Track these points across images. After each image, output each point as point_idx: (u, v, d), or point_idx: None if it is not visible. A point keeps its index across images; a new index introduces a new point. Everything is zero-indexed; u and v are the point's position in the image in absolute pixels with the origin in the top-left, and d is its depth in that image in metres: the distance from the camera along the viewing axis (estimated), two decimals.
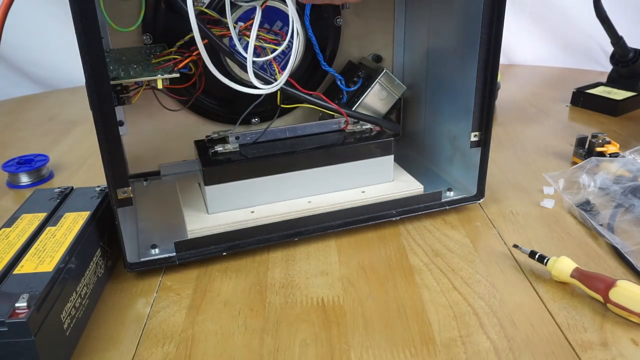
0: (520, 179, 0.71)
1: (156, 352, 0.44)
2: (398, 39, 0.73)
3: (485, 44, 0.55)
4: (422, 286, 0.50)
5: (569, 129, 0.87)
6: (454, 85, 0.62)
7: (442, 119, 0.66)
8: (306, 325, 0.46)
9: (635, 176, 0.64)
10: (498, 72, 0.57)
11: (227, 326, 0.46)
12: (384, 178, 0.62)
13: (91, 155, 0.82)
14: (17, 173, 0.74)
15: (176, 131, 0.67)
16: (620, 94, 0.94)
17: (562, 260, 0.49)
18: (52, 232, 0.47)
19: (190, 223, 0.55)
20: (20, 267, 0.42)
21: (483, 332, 0.45)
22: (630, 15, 1.15)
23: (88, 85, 0.44)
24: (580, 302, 0.48)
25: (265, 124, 0.67)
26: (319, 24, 0.64)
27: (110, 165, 0.47)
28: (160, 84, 0.51)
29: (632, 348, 0.43)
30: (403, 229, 0.60)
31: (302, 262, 0.55)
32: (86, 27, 0.42)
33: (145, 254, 0.53)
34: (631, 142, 0.79)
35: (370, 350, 0.43)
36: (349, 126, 0.63)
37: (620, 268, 0.52)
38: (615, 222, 0.58)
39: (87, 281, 0.47)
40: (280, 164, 0.58)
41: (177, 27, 0.59)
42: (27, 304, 0.37)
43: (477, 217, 0.62)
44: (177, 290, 0.51)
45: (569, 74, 1.19)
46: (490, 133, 0.59)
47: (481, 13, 0.54)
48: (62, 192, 0.54)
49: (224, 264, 0.55)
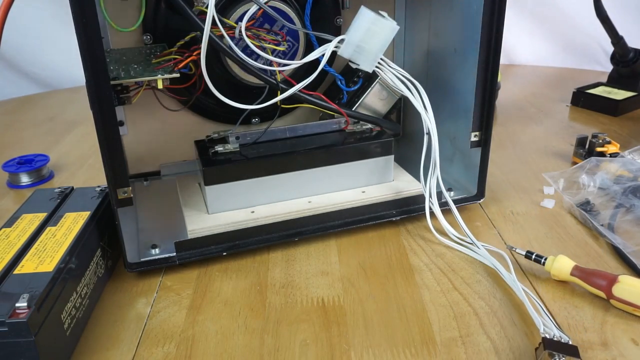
0: (520, 179, 0.71)
1: (156, 352, 0.44)
2: (398, 39, 0.73)
3: (486, 44, 0.55)
4: (423, 286, 0.50)
5: (569, 129, 0.87)
6: (454, 85, 0.62)
7: (442, 118, 0.66)
8: (306, 325, 0.46)
9: (636, 176, 0.64)
10: (498, 72, 0.57)
11: (227, 326, 0.46)
12: (384, 178, 0.62)
13: (91, 155, 0.82)
14: (18, 173, 0.74)
15: (176, 131, 0.67)
16: (620, 94, 0.94)
17: (560, 259, 0.49)
18: (52, 232, 0.47)
19: (190, 223, 0.55)
20: (20, 267, 0.42)
21: (483, 332, 0.45)
22: (630, 15, 1.15)
23: (88, 85, 0.44)
24: (581, 301, 0.48)
25: (265, 124, 0.67)
26: (319, 24, 0.64)
27: (110, 165, 0.47)
28: (160, 84, 0.51)
29: (632, 348, 0.43)
30: (403, 229, 0.60)
31: (302, 262, 0.55)
32: (86, 27, 0.42)
33: (145, 254, 0.53)
34: (631, 142, 0.79)
35: (370, 350, 0.43)
36: (349, 126, 0.63)
37: (621, 268, 0.52)
38: (616, 222, 0.58)
39: (88, 281, 0.47)
40: (280, 164, 0.58)
41: (177, 27, 0.59)
42: (27, 304, 0.37)
43: (477, 217, 0.62)
44: (178, 290, 0.51)
45: (569, 74, 1.19)
46: (490, 133, 0.59)
47: (481, 13, 0.54)
48: (62, 192, 0.55)
49: (224, 264, 0.55)
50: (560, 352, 0.39)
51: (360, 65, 0.51)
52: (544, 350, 0.39)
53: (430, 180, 0.57)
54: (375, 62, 0.52)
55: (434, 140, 0.56)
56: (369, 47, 0.50)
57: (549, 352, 0.39)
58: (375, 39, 0.50)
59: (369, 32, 0.50)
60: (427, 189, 0.57)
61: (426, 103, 0.55)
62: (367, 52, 0.50)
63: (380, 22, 0.50)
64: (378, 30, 0.50)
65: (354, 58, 0.50)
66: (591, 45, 1.26)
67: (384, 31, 0.51)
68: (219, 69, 0.60)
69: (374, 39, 0.50)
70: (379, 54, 0.52)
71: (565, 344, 0.40)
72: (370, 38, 0.50)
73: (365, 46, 0.50)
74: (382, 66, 0.53)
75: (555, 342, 0.40)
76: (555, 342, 0.40)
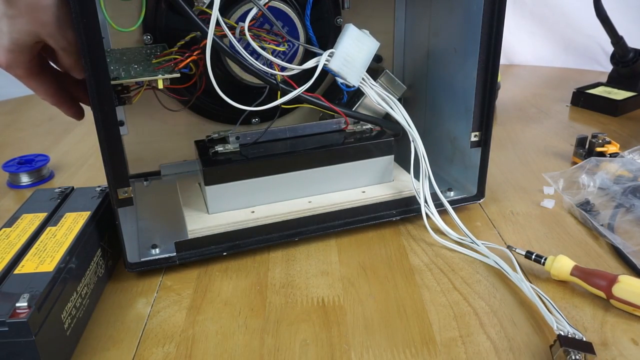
0: (520, 179, 0.71)
1: (156, 352, 0.44)
2: (398, 39, 0.73)
3: (486, 44, 0.55)
4: (423, 286, 0.50)
5: (569, 129, 0.87)
6: (454, 85, 0.62)
7: (442, 119, 0.66)
8: (306, 325, 0.46)
9: (635, 176, 0.64)
10: (498, 72, 0.57)
11: (227, 326, 0.46)
12: (385, 178, 0.62)
13: (91, 155, 0.82)
14: (18, 173, 0.74)
15: (176, 131, 0.67)
16: (620, 94, 0.94)
17: (560, 259, 0.50)
18: (52, 232, 0.47)
19: (190, 223, 0.55)
20: (20, 267, 0.42)
21: (483, 332, 0.45)
22: (630, 15, 1.15)
23: (89, 85, 0.44)
24: (581, 301, 0.48)
25: (265, 124, 0.67)
26: (319, 24, 0.64)
27: (110, 165, 0.47)
28: (160, 84, 0.51)
29: (632, 348, 0.43)
30: (403, 229, 0.60)
31: (303, 262, 0.55)
32: (86, 27, 0.42)
33: (145, 254, 0.53)
34: (631, 142, 0.79)
35: (370, 350, 0.43)
36: (349, 126, 0.63)
37: (621, 268, 0.52)
38: (616, 222, 0.58)
39: (88, 281, 0.47)
40: (280, 164, 0.58)
41: (177, 27, 0.59)
42: (27, 303, 0.37)
43: (478, 217, 0.62)
44: (178, 290, 0.51)
45: (569, 74, 1.19)
46: (490, 133, 0.59)
47: (481, 13, 0.54)
48: (62, 192, 0.55)
49: (224, 264, 0.55)
50: (576, 349, 0.39)
51: (347, 78, 0.53)
52: (560, 348, 0.39)
53: (423, 185, 0.58)
54: (360, 77, 0.54)
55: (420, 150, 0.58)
56: (354, 61, 0.53)
57: (564, 349, 0.39)
58: (360, 54, 0.53)
59: (355, 47, 0.52)
60: (422, 194, 0.57)
61: (407, 117, 0.57)
62: (353, 66, 0.53)
63: (364, 37, 0.53)
64: (362, 46, 0.53)
65: (342, 72, 0.53)
66: (591, 45, 1.27)
67: (368, 47, 0.53)
68: (219, 69, 0.60)
69: (360, 53, 0.53)
70: (363, 69, 0.54)
71: (580, 341, 0.40)
72: (356, 53, 0.52)
73: (351, 60, 0.52)
74: (365, 83, 0.56)
75: (570, 339, 0.40)
76: (570, 339, 0.40)
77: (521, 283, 0.48)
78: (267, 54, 0.50)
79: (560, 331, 0.41)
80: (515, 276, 0.49)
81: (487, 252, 0.54)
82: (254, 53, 0.51)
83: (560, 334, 0.41)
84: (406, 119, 0.57)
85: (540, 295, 0.46)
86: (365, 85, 0.55)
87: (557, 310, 0.44)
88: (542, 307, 0.45)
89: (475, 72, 0.56)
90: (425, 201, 0.58)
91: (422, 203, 0.58)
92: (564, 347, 0.39)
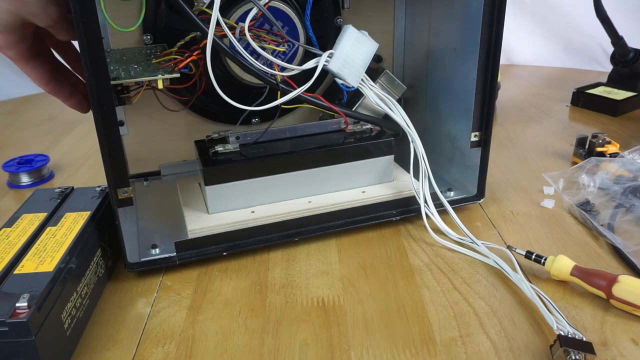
0: (520, 179, 0.71)
1: (156, 352, 0.44)
2: (398, 39, 0.73)
3: (486, 44, 0.55)
4: (422, 286, 0.51)
5: (569, 129, 0.87)
6: (454, 85, 0.62)
7: (442, 119, 0.66)
8: (306, 325, 0.46)
9: (635, 176, 0.64)
10: (498, 72, 0.57)
11: (227, 326, 0.46)
12: (385, 178, 0.62)
13: (91, 155, 0.82)
14: (18, 173, 0.74)
15: (176, 131, 0.67)
16: (620, 94, 0.94)
17: (560, 259, 0.50)
18: (52, 232, 0.47)
19: (190, 223, 0.55)
20: (20, 267, 0.42)
21: (483, 332, 0.45)
22: (630, 15, 1.15)
23: (89, 85, 0.44)
24: (581, 301, 0.48)
25: (265, 124, 0.67)
26: (319, 24, 0.64)
27: (110, 165, 0.47)
28: (160, 84, 0.51)
29: (632, 348, 0.43)
30: (403, 229, 0.60)
31: (303, 262, 0.55)
32: (86, 27, 0.42)
33: (145, 254, 0.53)
34: (631, 142, 0.79)
35: (370, 350, 0.43)
36: (349, 126, 0.63)
37: (621, 268, 0.52)
38: (616, 222, 0.58)
39: (88, 281, 0.47)
40: (280, 164, 0.58)
41: (177, 27, 0.59)
42: (27, 303, 0.37)
43: (477, 217, 0.62)
44: (178, 290, 0.51)
45: (569, 74, 1.19)
46: (490, 133, 0.59)
47: (481, 13, 0.54)
48: (62, 192, 0.55)
49: (224, 264, 0.55)
50: (576, 349, 0.39)
51: (346, 79, 0.53)
52: (560, 348, 0.40)
53: (423, 185, 0.58)
54: (359, 78, 0.54)
55: (419, 150, 0.58)
56: (354, 62, 0.53)
57: (564, 349, 0.39)
58: (359, 55, 0.53)
59: (354, 48, 0.53)
60: (422, 194, 0.57)
61: (405, 118, 0.58)
62: (352, 67, 0.53)
63: (363, 39, 0.53)
64: (361, 47, 0.53)
65: (342, 73, 0.53)
66: (591, 45, 1.27)
67: (367, 48, 0.53)
68: (218, 69, 0.60)
69: (359, 55, 0.53)
70: (362, 70, 0.54)
71: (580, 341, 0.40)
72: (355, 54, 0.53)
73: (350, 61, 0.53)
74: (364, 84, 0.56)
75: (570, 339, 0.40)
76: (570, 339, 0.40)
77: (521, 283, 0.48)
78: (267, 54, 0.50)
79: (560, 331, 0.41)
80: (515, 276, 0.50)
81: (487, 252, 0.54)
82: (254, 53, 0.51)
83: (560, 334, 0.41)
84: (405, 120, 0.57)
85: (540, 295, 0.46)
86: (364, 86, 0.55)
87: (557, 310, 0.44)
88: (542, 307, 0.45)
89: (475, 72, 0.56)
90: (425, 201, 0.58)
91: (422, 203, 0.58)
92: (564, 347, 0.39)
